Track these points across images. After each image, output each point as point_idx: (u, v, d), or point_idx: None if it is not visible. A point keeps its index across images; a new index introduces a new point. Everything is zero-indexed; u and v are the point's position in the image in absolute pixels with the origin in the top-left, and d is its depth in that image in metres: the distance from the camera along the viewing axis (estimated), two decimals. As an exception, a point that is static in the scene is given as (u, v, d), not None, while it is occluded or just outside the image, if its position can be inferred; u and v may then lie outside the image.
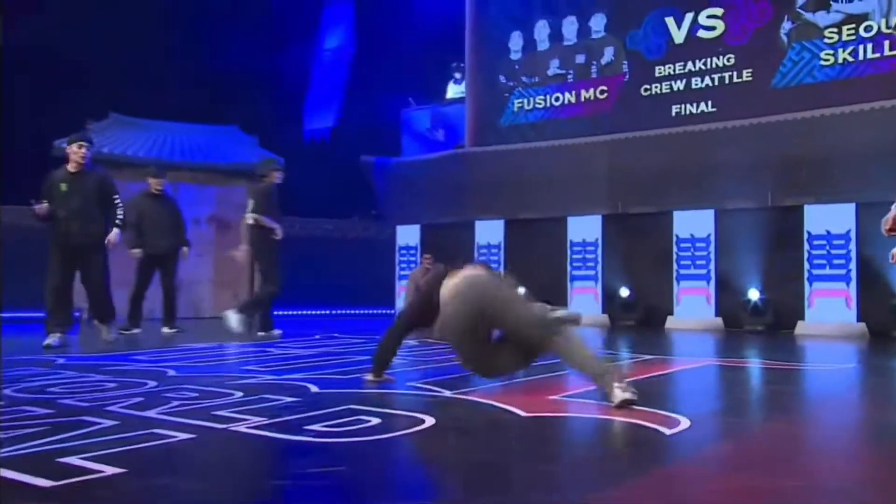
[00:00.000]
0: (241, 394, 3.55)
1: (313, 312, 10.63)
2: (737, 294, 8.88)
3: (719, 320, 8.99)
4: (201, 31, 11.24)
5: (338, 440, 2.61)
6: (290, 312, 10.29)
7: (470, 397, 3.53)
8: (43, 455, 2.30)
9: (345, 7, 12.07)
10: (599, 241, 10.02)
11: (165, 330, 7.22)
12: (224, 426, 2.80)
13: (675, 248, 9.35)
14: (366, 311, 11.14)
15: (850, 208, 8.16)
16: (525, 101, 11.02)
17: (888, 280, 7.95)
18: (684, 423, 2.95)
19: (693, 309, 9.15)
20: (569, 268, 10.26)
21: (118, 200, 6.11)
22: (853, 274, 8.17)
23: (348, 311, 10.96)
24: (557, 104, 10.72)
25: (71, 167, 5.98)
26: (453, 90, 12.44)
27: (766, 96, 8.86)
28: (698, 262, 9.20)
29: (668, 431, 2.79)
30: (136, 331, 7.03)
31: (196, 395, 3.54)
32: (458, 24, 11.56)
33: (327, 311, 10.70)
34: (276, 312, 10.10)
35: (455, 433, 2.81)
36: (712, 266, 9.12)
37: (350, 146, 11.67)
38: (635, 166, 9.54)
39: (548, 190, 10.36)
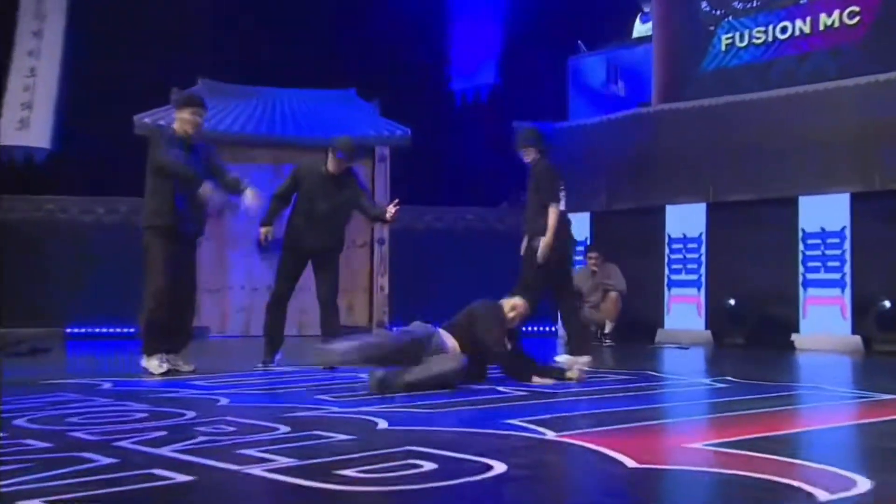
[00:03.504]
0: (287, 429, 3.77)
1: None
2: None
3: None
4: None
5: (361, 489, 2.71)
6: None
7: (575, 440, 3.55)
8: (3, 497, 2.57)
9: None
10: (847, 231, 9.42)
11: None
12: (239, 468, 2.98)
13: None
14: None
15: None
16: (737, 35, 10.60)
17: None
18: (861, 485, 2.76)
19: None
20: (801, 268, 9.73)
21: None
22: None
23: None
24: (784, 37, 10.21)
25: (182, 132, 6.25)
26: (640, 28, 12.21)
27: None
28: None
29: (825, 497, 2.61)
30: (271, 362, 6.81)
31: (233, 429, 3.79)
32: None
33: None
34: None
35: (515, 486, 2.82)
36: None
37: (500, 111, 11.80)
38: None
39: (769, 159, 9.92)
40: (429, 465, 3.01)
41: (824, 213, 9.58)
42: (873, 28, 9.57)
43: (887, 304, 9.02)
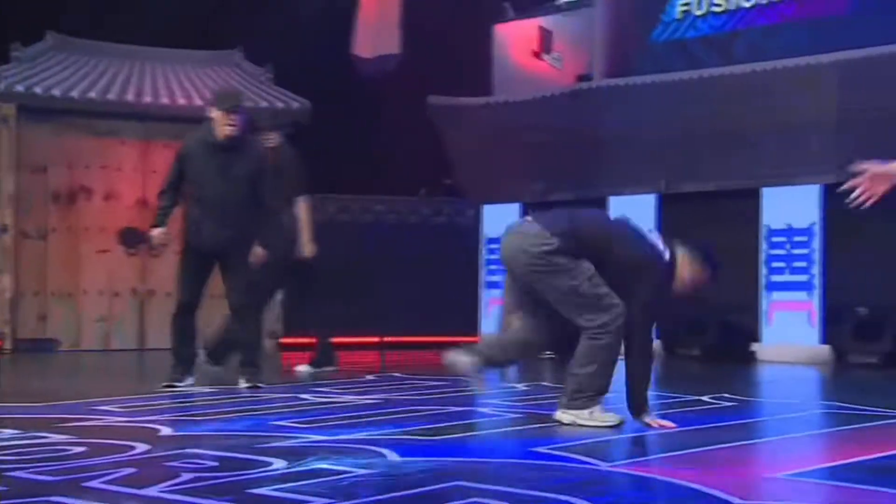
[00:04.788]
0: (283, 462, 3.68)
1: (356, 340, 10.72)
2: None
3: None
4: None
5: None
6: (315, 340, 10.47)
7: (641, 472, 3.60)
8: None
9: None
10: (817, 228, 9.76)
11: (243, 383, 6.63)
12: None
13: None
14: (436, 338, 11.16)
15: None
16: (694, 1, 10.83)
17: None
18: None
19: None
20: (764, 270, 10.04)
21: None
22: None
23: (410, 338, 11.00)
24: (750, 5, 10.49)
25: None
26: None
27: None
28: None
29: None
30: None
31: (214, 464, 3.67)
32: None
33: (376, 338, 10.79)
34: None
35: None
36: None
37: (411, 84, 11.72)
38: (885, 102, 9.22)
39: (732, 144, 10.18)
40: (504, 506, 2.97)
41: (793, 207, 9.89)
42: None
43: (864, 310, 9.38)
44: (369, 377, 7.48)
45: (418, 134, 11.64)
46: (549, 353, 6.92)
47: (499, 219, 11.87)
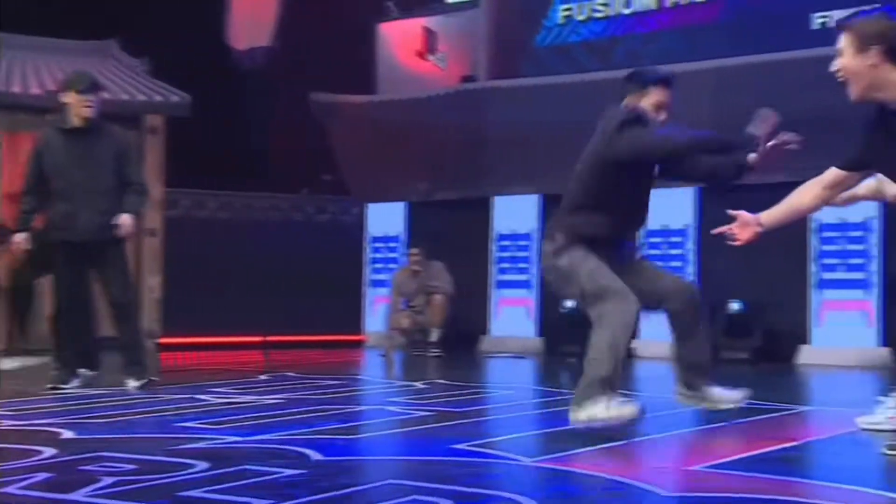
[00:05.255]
0: (206, 464, 3.59)
1: (238, 339, 10.56)
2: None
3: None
4: None
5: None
6: (196, 340, 10.41)
7: (564, 466, 3.65)
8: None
9: None
10: (691, 229, 10.06)
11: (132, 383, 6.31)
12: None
13: (811, 236, 9.39)
14: (319, 338, 11.09)
15: None
16: (576, 7, 11.02)
17: None
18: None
19: (843, 332, 9.19)
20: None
21: None
22: None
23: (294, 338, 10.88)
24: (629, 12, 10.74)
25: None
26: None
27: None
28: (852, 262, 9.25)
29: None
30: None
31: (134, 467, 3.56)
32: None
33: (259, 338, 10.66)
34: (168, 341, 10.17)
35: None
36: (876, 265, 9.19)
37: (294, 80, 11.61)
38: (757, 109, 9.57)
39: (611, 147, 10.39)
40: None
41: (668, 209, 10.10)
42: (729, 8, 10.23)
43: (735, 306, 9.69)
44: (263, 377, 7.35)
45: (301, 130, 11.53)
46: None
47: (383, 218, 11.92)
